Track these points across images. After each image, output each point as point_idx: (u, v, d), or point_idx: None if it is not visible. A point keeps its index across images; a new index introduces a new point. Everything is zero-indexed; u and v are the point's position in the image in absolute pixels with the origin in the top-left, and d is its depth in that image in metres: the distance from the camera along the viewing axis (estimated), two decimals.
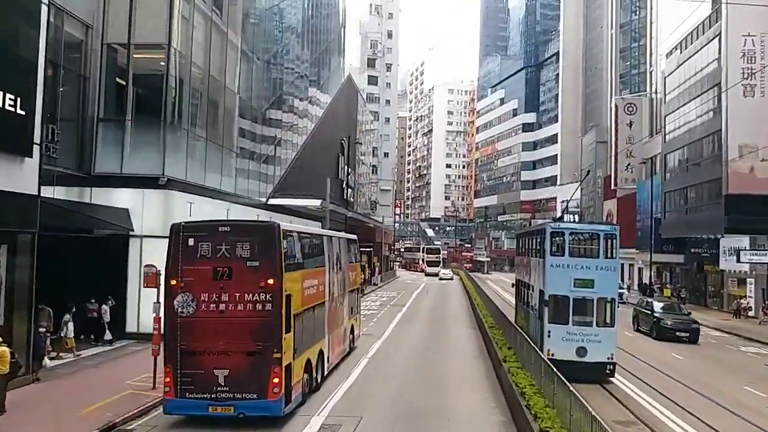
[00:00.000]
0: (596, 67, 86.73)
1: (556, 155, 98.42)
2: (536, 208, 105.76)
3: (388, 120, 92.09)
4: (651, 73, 62.18)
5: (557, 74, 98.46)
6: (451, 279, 68.57)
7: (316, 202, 32.35)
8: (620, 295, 48.17)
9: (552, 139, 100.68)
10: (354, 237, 23.92)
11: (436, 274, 72.90)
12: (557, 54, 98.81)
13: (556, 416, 10.82)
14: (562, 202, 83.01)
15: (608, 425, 8.65)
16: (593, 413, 8.89)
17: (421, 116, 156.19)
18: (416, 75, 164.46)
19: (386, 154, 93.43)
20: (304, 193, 33.37)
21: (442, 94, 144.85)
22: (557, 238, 17.99)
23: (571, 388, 10.53)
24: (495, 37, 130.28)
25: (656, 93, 60.16)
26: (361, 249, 57.89)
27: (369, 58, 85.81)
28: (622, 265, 66.63)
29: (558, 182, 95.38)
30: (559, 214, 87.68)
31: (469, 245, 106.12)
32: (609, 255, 17.51)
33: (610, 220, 68.86)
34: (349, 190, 54.44)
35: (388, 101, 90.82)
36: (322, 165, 42.88)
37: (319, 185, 36.27)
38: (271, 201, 31.87)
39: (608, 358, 17.15)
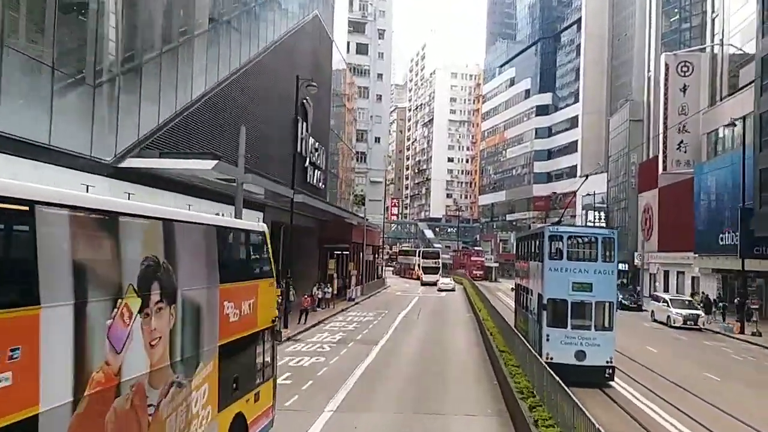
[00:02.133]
0: (625, 35, 73.38)
1: (575, 142, 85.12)
2: (551, 204, 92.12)
3: (380, 98, 77.36)
4: (714, 20, 47.78)
5: (577, 46, 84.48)
6: (453, 290, 56.92)
7: (208, 165, 17.68)
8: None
9: (571, 123, 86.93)
10: (260, 228, 10.96)
11: (434, 283, 61.42)
12: (577, 22, 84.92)
13: None
14: (586, 195, 69.81)
15: None
16: None
17: (422, 104, 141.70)
18: (417, 60, 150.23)
19: (377, 140, 78.78)
20: (192, 152, 19.18)
21: (444, 78, 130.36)
22: (556, 242, 17.76)
23: None
24: (502, 24, 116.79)
25: (722, 45, 45.83)
26: (334, 252, 44.04)
27: (357, 21, 71.29)
28: (666, 272, 53.18)
29: (578, 173, 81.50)
30: (579, 210, 74.88)
31: (478, 248, 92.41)
32: (607, 259, 17.43)
33: (649, 216, 55.41)
34: (318, 171, 39.93)
35: (380, 75, 76.03)
36: (261, 127, 28.61)
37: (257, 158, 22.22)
38: (131, 162, 17.66)
39: (607, 362, 16.68)
